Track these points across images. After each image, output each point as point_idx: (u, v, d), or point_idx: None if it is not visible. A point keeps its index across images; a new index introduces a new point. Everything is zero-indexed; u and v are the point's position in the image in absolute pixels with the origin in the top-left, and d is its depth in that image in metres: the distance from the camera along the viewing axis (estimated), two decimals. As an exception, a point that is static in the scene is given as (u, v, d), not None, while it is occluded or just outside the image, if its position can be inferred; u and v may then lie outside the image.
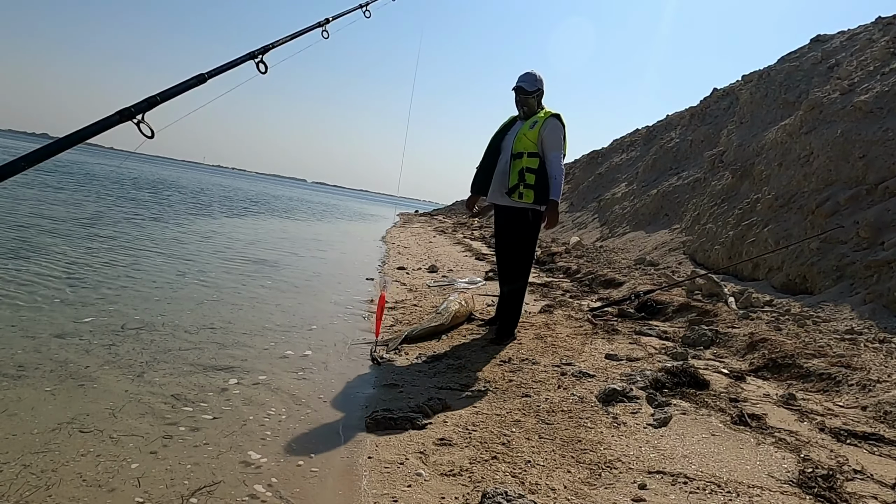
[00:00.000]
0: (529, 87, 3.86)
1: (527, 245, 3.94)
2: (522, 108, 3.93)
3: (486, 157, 3.99)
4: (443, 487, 1.92)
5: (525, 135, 3.78)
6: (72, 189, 14.16)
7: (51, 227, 7.33)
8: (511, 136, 3.89)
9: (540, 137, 3.78)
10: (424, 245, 12.14)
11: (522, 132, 3.81)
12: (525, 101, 3.90)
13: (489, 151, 3.99)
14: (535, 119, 3.83)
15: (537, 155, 3.77)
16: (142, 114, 1.53)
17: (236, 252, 7.78)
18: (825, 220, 6.34)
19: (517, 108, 3.98)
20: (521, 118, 3.95)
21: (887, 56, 8.14)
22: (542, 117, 3.83)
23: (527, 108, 3.92)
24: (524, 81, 3.88)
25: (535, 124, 3.80)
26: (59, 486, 1.78)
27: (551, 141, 3.79)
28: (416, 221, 24.44)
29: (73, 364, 2.81)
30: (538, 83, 3.91)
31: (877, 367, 3.36)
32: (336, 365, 3.31)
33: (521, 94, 3.88)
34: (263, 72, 1.99)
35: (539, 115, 3.87)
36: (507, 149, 3.88)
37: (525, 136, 3.79)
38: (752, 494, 1.98)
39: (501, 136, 3.99)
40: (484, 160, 4.01)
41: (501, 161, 3.90)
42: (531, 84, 3.88)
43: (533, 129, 3.78)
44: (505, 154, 3.88)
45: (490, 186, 3.96)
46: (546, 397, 2.83)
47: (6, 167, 1.29)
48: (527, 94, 3.87)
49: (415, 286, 6.21)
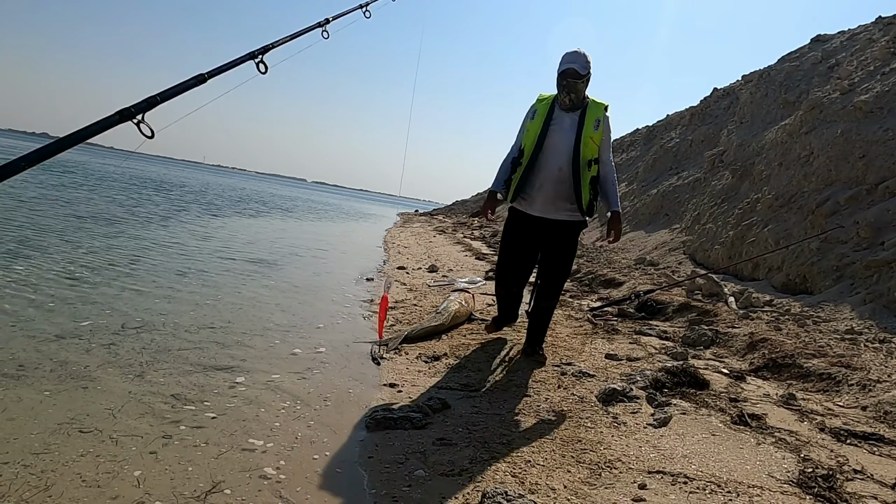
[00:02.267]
0: (582, 70, 3.09)
1: (572, 259, 3.45)
2: (569, 96, 3.15)
3: (529, 155, 3.22)
4: (443, 487, 1.92)
5: (591, 138, 3.13)
6: (72, 189, 14.15)
7: (51, 226, 7.32)
8: (564, 135, 3.18)
9: (601, 139, 3.21)
10: (424, 245, 12.14)
11: (588, 135, 3.13)
12: (573, 88, 3.12)
13: (533, 148, 3.21)
14: (597, 117, 3.17)
15: (598, 160, 3.22)
16: (142, 114, 1.53)
17: (236, 251, 7.78)
18: (825, 220, 6.34)
19: (562, 96, 3.19)
20: (565, 108, 3.21)
21: (887, 56, 8.14)
22: (602, 114, 3.19)
23: (574, 95, 3.15)
24: (574, 63, 3.09)
25: (599, 124, 3.16)
26: (59, 486, 1.78)
27: (608, 140, 3.26)
28: (416, 221, 24.44)
29: (73, 364, 2.81)
30: (589, 65, 3.14)
31: (877, 367, 3.36)
32: (336, 364, 3.31)
33: (570, 78, 3.09)
34: (263, 72, 1.99)
35: (596, 111, 3.19)
36: (560, 152, 3.16)
37: (592, 141, 3.14)
38: (752, 494, 1.98)
39: (543, 128, 3.21)
40: (524, 158, 3.26)
41: (550, 165, 3.18)
42: (584, 66, 3.11)
43: (598, 129, 3.14)
44: (557, 158, 3.17)
45: (527, 192, 3.27)
46: (546, 397, 2.83)
47: (6, 167, 1.29)
48: (578, 78, 3.10)
49: (415, 286, 6.21)
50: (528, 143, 3.25)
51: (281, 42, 2.09)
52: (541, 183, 3.23)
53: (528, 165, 3.22)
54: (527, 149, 3.25)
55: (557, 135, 3.20)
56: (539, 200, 3.26)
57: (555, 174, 3.19)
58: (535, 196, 3.27)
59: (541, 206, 3.27)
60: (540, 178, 3.23)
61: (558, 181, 3.19)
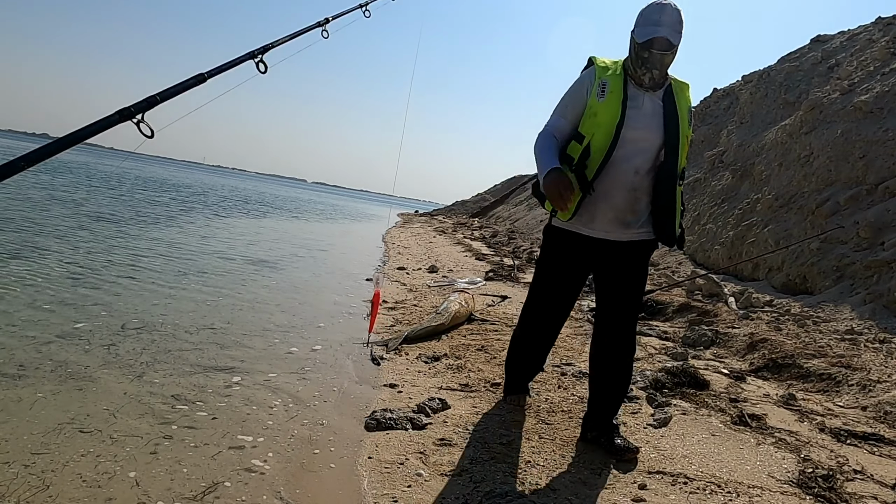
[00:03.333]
0: (675, 39, 2.12)
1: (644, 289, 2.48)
2: (650, 73, 2.16)
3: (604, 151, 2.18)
4: (443, 487, 1.92)
5: (686, 136, 2.24)
6: (72, 188, 14.15)
7: (51, 226, 7.32)
8: (647, 125, 2.20)
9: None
10: (424, 245, 12.14)
11: (685, 132, 2.23)
12: (660, 63, 2.14)
13: (610, 141, 2.16)
14: (688, 106, 2.27)
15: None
16: (141, 113, 1.53)
17: (236, 252, 7.78)
18: (825, 220, 6.34)
19: (640, 71, 2.17)
20: (643, 86, 2.20)
21: (887, 56, 8.14)
22: (689, 99, 2.30)
23: (658, 72, 2.17)
24: (666, 28, 2.10)
25: (691, 115, 2.29)
26: (59, 486, 1.78)
27: None
28: (416, 221, 24.44)
29: (73, 364, 2.81)
30: (682, 29, 2.15)
31: (877, 367, 3.36)
32: (336, 365, 3.31)
33: (658, 50, 2.11)
34: (263, 71, 1.99)
35: (684, 96, 2.27)
36: (640, 149, 2.20)
37: (687, 142, 2.25)
38: (752, 494, 1.98)
39: (620, 114, 2.17)
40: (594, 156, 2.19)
41: (624, 167, 2.19)
42: (677, 31, 2.13)
43: (691, 126, 2.28)
44: (634, 156, 2.20)
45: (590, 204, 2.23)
46: (546, 397, 2.83)
47: (5, 167, 1.29)
48: (669, 49, 2.13)
49: (415, 286, 6.21)
50: (599, 132, 2.17)
51: (281, 42, 2.09)
52: (606, 190, 2.20)
53: (600, 168, 2.17)
54: (597, 141, 2.17)
55: (638, 124, 2.18)
56: (603, 215, 2.24)
57: (629, 180, 2.20)
58: (596, 209, 2.23)
59: (605, 224, 2.25)
60: (606, 183, 2.19)
61: (632, 189, 2.21)
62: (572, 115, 2.28)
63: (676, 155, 2.21)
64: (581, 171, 2.20)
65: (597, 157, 2.18)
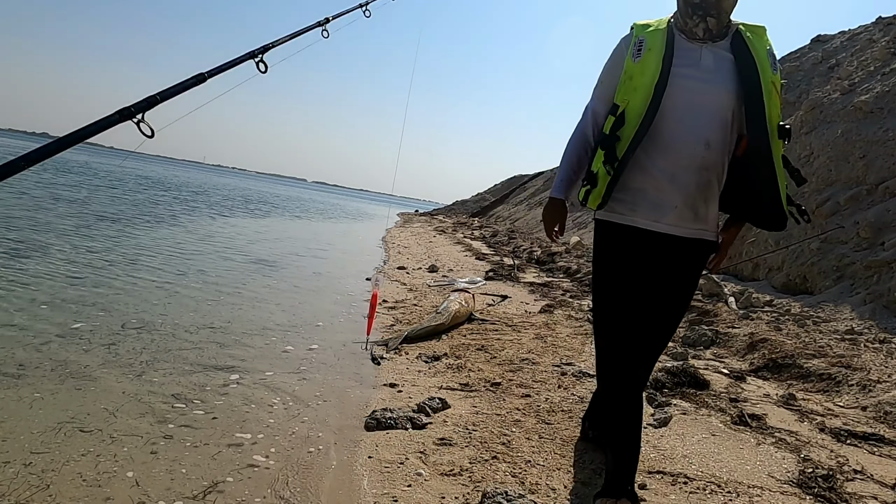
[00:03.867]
0: None
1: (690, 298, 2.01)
2: (706, 20, 1.72)
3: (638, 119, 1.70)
4: (443, 487, 1.92)
5: (774, 84, 1.70)
6: (73, 188, 14.15)
7: (51, 226, 7.32)
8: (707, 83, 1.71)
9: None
10: (424, 245, 12.14)
11: (769, 79, 1.68)
12: (718, 5, 1.70)
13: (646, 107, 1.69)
14: (767, 47, 1.73)
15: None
16: (142, 113, 1.53)
17: (236, 251, 7.78)
18: (825, 220, 6.34)
19: (692, 22, 1.74)
20: (701, 39, 1.75)
21: (887, 56, 8.14)
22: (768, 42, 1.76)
23: (715, 19, 1.72)
24: None
25: (776, 60, 1.74)
26: (59, 485, 1.78)
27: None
28: (416, 221, 24.44)
29: (73, 364, 2.81)
30: None
31: (877, 367, 3.36)
32: (336, 364, 3.31)
33: None
34: (263, 71, 1.99)
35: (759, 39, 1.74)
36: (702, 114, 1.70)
37: (775, 89, 1.70)
38: (752, 494, 1.98)
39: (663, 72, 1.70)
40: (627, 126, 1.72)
41: (686, 139, 1.70)
42: None
43: (777, 70, 1.73)
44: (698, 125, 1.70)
45: (638, 188, 1.77)
46: (546, 397, 2.83)
47: (5, 167, 1.29)
48: None
49: (415, 286, 6.21)
50: (635, 97, 1.71)
51: (281, 41, 2.09)
52: (673, 172, 1.71)
53: (635, 139, 1.69)
54: (633, 108, 1.70)
55: (696, 84, 1.70)
56: (672, 203, 1.73)
57: (698, 155, 1.69)
58: (662, 195, 1.74)
59: (675, 215, 1.74)
60: (670, 162, 1.71)
61: (703, 168, 1.71)
62: (610, 93, 1.79)
63: (762, 108, 1.65)
64: (611, 146, 1.71)
65: (631, 127, 1.68)
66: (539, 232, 15.96)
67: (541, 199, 22.67)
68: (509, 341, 3.89)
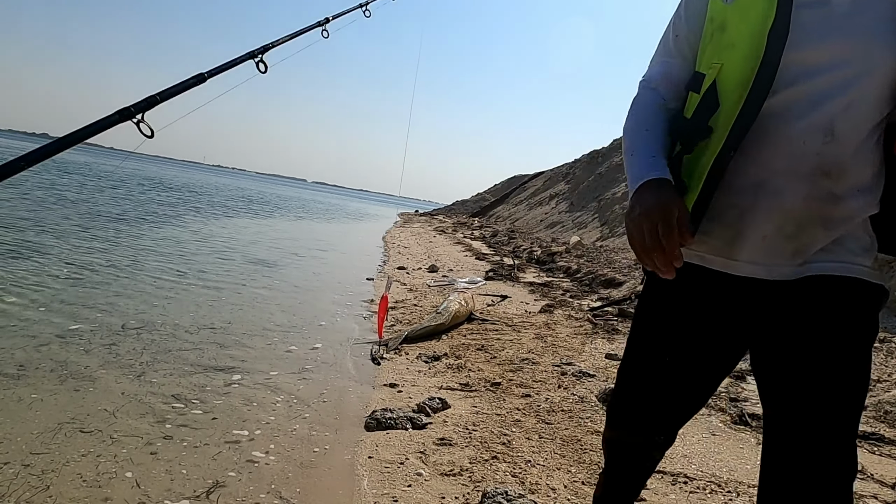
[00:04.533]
0: None
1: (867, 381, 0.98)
2: None
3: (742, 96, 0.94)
4: (443, 487, 1.92)
5: None
6: (73, 188, 14.15)
7: (52, 226, 7.33)
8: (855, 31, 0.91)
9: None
10: (425, 245, 12.14)
11: None
12: None
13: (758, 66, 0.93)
14: None
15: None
16: (141, 113, 1.53)
17: (236, 252, 7.78)
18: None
19: None
20: None
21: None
22: None
23: None
24: None
25: None
26: (59, 486, 1.78)
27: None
28: (416, 221, 24.45)
29: (73, 364, 2.81)
30: None
31: (877, 367, 3.36)
32: (336, 364, 3.31)
33: None
34: (263, 71, 1.99)
35: None
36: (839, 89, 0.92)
37: None
38: (752, 494, 1.98)
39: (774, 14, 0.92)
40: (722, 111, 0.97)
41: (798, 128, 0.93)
42: None
43: None
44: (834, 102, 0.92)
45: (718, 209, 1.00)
46: (546, 397, 2.83)
47: (5, 167, 1.29)
48: None
49: (415, 286, 6.21)
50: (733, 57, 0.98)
51: (281, 41, 2.09)
52: (760, 179, 0.98)
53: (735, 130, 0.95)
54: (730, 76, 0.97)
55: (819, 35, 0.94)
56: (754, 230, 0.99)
57: (810, 151, 0.94)
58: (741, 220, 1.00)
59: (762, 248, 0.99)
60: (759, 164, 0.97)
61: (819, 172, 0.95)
62: (688, 49, 1.11)
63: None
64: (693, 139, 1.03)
65: (731, 106, 0.96)
66: (539, 231, 15.92)
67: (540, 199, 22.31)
68: (509, 341, 3.89)
